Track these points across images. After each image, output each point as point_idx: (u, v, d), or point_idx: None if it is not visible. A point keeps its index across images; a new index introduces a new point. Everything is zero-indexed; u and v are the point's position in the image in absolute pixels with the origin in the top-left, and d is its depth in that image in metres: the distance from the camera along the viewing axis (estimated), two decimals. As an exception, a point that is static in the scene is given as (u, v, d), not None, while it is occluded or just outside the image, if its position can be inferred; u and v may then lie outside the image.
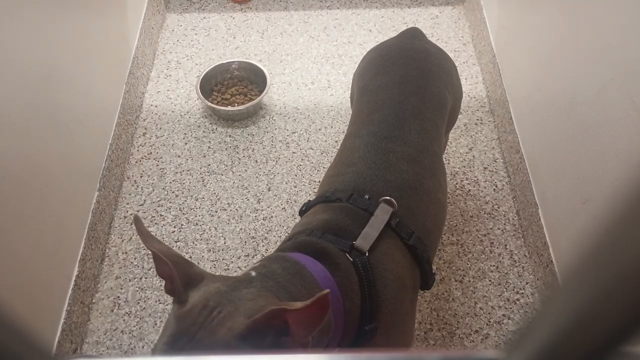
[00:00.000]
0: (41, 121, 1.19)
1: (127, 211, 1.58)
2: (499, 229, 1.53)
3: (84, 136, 1.41)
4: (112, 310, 1.38)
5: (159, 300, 1.40)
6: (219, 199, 1.60)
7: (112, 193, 1.56)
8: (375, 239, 0.80)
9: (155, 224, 1.55)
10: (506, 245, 1.50)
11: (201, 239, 1.51)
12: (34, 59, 1.17)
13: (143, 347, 1.32)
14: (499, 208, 1.58)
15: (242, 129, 1.77)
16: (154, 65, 1.97)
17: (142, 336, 1.34)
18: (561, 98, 1.30)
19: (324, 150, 1.71)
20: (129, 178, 1.65)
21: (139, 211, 1.57)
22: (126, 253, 1.49)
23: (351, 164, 0.93)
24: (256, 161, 1.69)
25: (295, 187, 1.62)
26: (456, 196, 1.60)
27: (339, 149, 1.00)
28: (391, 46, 1.12)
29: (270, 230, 1.53)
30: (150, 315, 1.37)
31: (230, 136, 1.75)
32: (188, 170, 1.66)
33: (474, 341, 1.33)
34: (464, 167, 1.66)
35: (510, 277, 1.44)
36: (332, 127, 1.77)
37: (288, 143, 1.73)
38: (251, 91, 1.83)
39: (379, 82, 1.04)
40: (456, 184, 1.63)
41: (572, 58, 1.24)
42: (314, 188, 1.62)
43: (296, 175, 1.65)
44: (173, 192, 1.61)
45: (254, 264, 0.75)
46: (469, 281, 1.43)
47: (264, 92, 1.75)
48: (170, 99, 1.86)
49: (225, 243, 1.50)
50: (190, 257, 1.47)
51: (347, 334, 0.76)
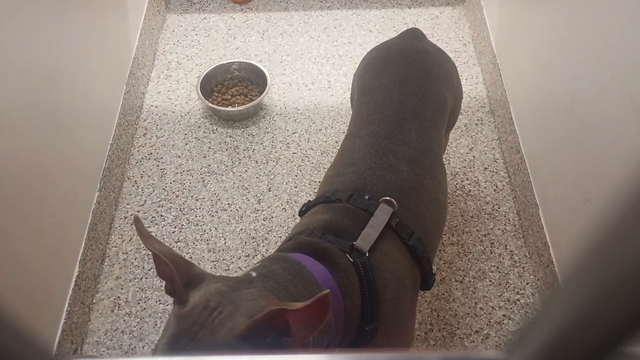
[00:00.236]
0: (41, 121, 1.19)
1: (127, 211, 1.58)
2: (499, 229, 1.53)
3: (84, 136, 1.41)
4: (113, 311, 1.38)
5: (159, 301, 1.40)
6: (219, 200, 1.60)
7: (112, 193, 1.56)
8: (376, 239, 0.80)
9: (156, 224, 1.55)
10: (506, 246, 1.50)
11: (201, 240, 1.51)
12: (34, 59, 1.17)
13: (143, 347, 1.32)
14: (499, 208, 1.58)
15: (242, 129, 1.77)
16: (155, 65, 1.97)
17: (142, 336, 1.34)
18: (561, 98, 1.30)
19: (324, 150, 1.71)
20: (129, 178, 1.65)
21: (139, 211, 1.57)
22: (127, 253, 1.49)
23: (351, 164, 0.93)
24: (256, 162, 1.69)
25: (296, 187, 1.62)
26: (456, 196, 1.60)
27: (339, 150, 1.00)
28: (391, 46, 1.12)
29: (270, 231, 1.53)
30: (150, 315, 1.37)
31: (230, 137, 1.75)
32: (188, 171, 1.67)
33: (474, 341, 1.33)
34: (464, 167, 1.66)
35: (511, 278, 1.44)
36: (332, 127, 1.77)
37: (288, 143, 1.73)
38: (251, 92, 1.83)
39: (379, 83, 1.04)
40: (456, 184, 1.63)
41: (573, 58, 1.24)
42: (314, 188, 1.62)
43: (296, 176, 1.65)
44: (173, 193, 1.62)
45: (255, 265, 0.75)
46: (470, 281, 1.43)
47: (264, 92, 1.75)
48: (171, 99, 1.86)
49: (225, 243, 1.51)
50: (191, 258, 1.47)
51: (348, 334, 0.76)
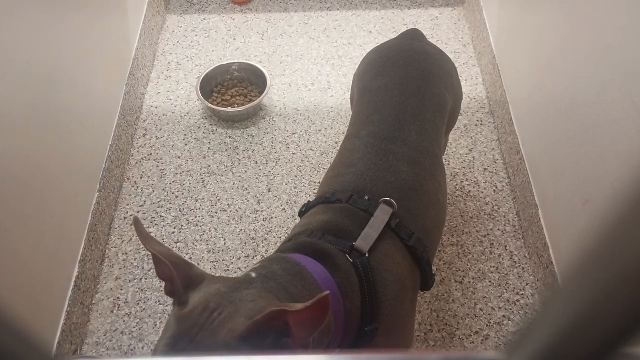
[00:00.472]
0: (41, 122, 1.19)
1: (127, 212, 1.58)
2: (499, 230, 1.53)
3: (84, 137, 1.41)
4: (112, 312, 1.38)
5: (159, 302, 1.40)
6: (219, 200, 1.60)
7: (112, 194, 1.56)
8: (375, 240, 0.80)
9: (156, 225, 1.55)
10: (506, 247, 1.50)
11: (201, 240, 1.51)
12: (34, 59, 1.17)
13: (143, 348, 1.32)
14: (499, 209, 1.58)
15: (242, 130, 1.77)
16: (154, 66, 1.97)
17: (142, 337, 1.34)
18: (561, 99, 1.30)
19: (324, 151, 1.71)
20: (129, 179, 1.65)
21: (139, 212, 1.57)
22: (126, 254, 1.49)
23: (351, 165, 0.93)
24: (256, 162, 1.69)
25: (295, 188, 1.62)
26: (456, 197, 1.60)
27: (339, 150, 1.00)
28: (391, 47, 1.12)
29: (270, 232, 1.53)
30: (150, 316, 1.37)
31: (230, 137, 1.75)
32: (188, 172, 1.67)
33: (474, 342, 1.33)
34: (464, 168, 1.66)
35: (511, 278, 1.44)
36: (332, 128, 1.77)
37: (288, 144, 1.73)
38: (251, 92, 1.83)
39: (379, 84, 1.04)
40: (456, 185, 1.63)
41: (573, 59, 1.24)
42: (314, 189, 1.62)
43: (296, 177, 1.65)
44: (173, 193, 1.61)
45: (254, 265, 0.75)
46: (469, 282, 1.43)
47: (264, 93, 1.75)
48: (171, 100, 1.86)
49: (225, 244, 1.50)
50: (190, 258, 1.47)
51: (348, 335, 0.76)
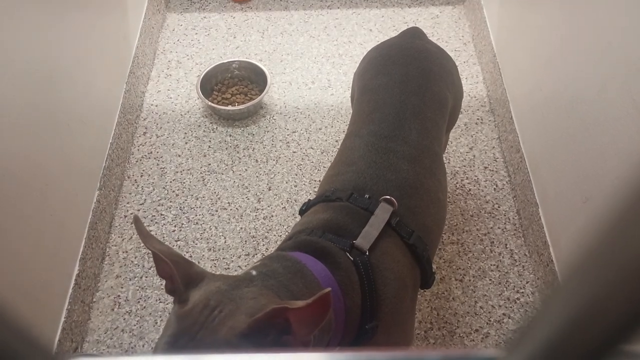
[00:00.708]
0: (41, 121, 1.19)
1: (127, 210, 1.58)
2: (499, 228, 1.53)
3: (84, 135, 1.41)
4: (113, 309, 1.38)
5: (159, 299, 1.40)
6: (219, 198, 1.60)
7: (112, 192, 1.56)
8: (376, 238, 0.80)
9: (156, 223, 1.55)
10: (506, 245, 1.50)
11: (201, 238, 1.51)
12: (34, 59, 1.17)
13: (143, 345, 1.32)
14: (499, 207, 1.58)
15: (242, 128, 1.77)
16: (155, 64, 1.97)
17: (142, 335, 1.34)
18: (562, 97, 1.30)
19: (324, 149, 1.71)
20: (129, 177, 1.65)
21: (139, 210, 1.58)
22: (127, 252, 1.49)
23: (351, 163, 0.93)
24: (256, 160, 1.69)
25: (296, 186, 1.62)
26: (456, 195, 1.60)
27: (339, 148, 1.00)
28: (392, 45, 1.12)
29: (270, 230, 1.53)
30: (150, 314, 1.37)
31: (230, 135, 1.75)
32: (188, 170, 1.67)
33: (474, 340, 1.33)
34: (464, 166, 1.66)
35: (511, 276, 1.44)
36: (332, 126, 1.77)
37: (288, 142, 1.73)
38: (251, 90, 1.83)
39: (379, 82, 1.04)
40: (456, 183, 1.63)
41: (573, 57, 1.24)
42: (314, 187, 1.62)
43: (296, 175, 1.65)
44: (173, 192, 1.62)
45: (255, 263, 0.75)
46: (469, 280, 1.43)
47: (265, 91, 1.75)
48: (171, 98, 1.86)
49: (225, 242, 1.51)
50: (191, 257, 1.47)
51: (348, 333, 0.76)
